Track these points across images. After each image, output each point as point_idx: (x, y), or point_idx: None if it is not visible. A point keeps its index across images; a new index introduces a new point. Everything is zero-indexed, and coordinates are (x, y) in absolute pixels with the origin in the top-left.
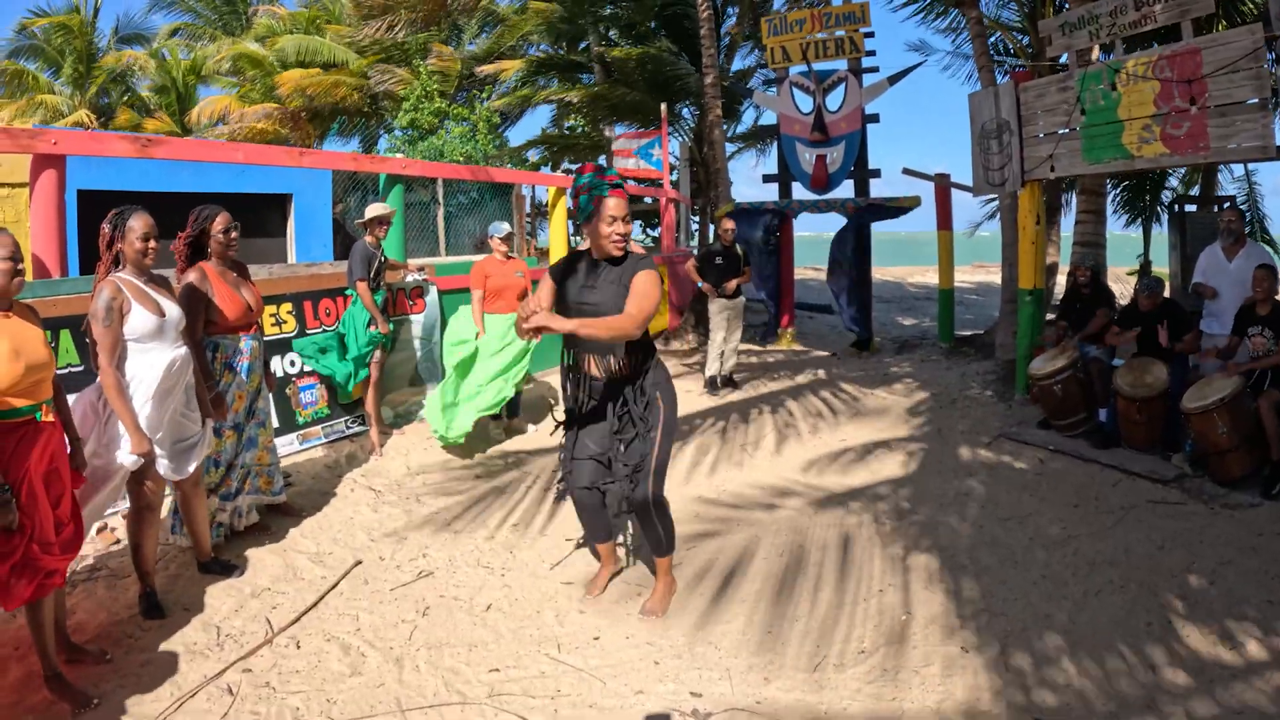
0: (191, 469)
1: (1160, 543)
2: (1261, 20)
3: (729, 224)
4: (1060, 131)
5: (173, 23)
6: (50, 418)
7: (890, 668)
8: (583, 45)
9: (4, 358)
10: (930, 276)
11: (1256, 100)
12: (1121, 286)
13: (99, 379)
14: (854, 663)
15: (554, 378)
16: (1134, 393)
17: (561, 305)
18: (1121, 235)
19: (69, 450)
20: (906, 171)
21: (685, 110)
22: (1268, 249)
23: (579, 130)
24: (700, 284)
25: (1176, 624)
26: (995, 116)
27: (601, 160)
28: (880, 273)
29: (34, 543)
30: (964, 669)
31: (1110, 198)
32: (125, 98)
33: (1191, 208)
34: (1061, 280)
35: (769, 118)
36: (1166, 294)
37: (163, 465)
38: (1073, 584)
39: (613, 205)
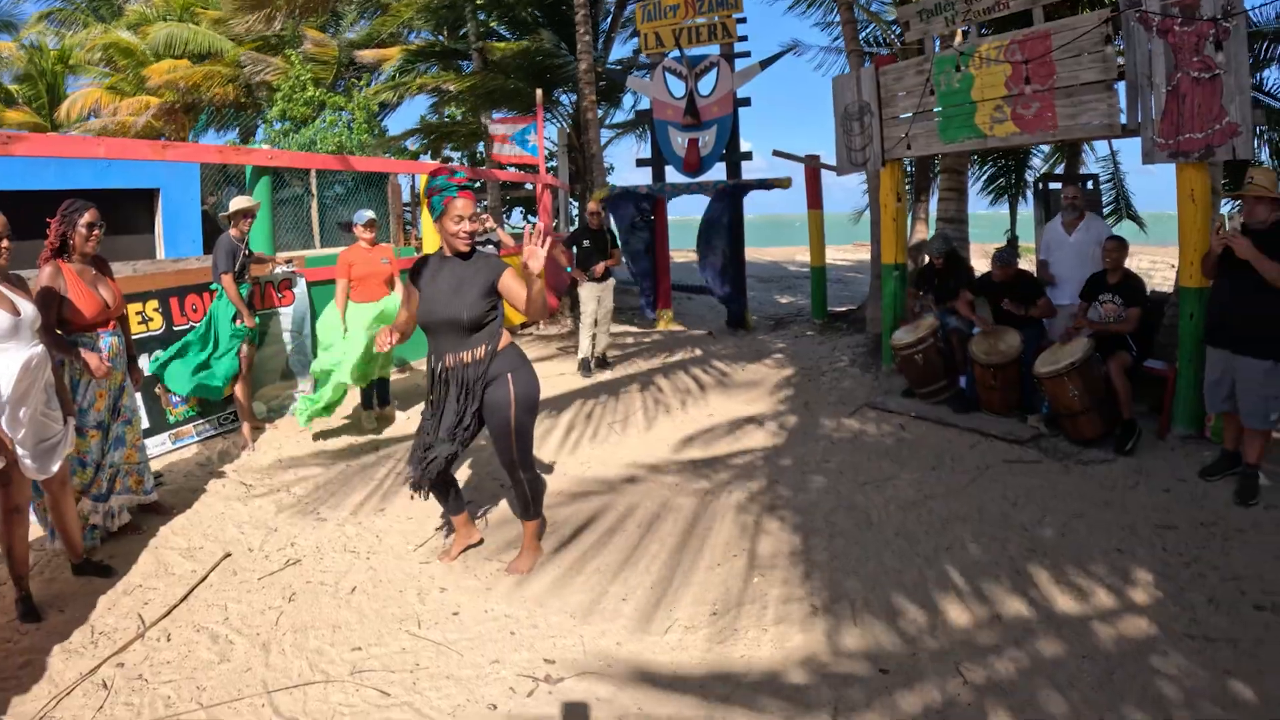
0: (56, 468)
1: (1014, 499)
2: (1112, 5)
3: (594, 207)
4: (916, 113)
5: (43, 9)
6: None
7: (740, 627)
8: (463, 32)
9: None
10: (808, 255)
11: (1102, 80)
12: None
13: None
14: (705, 624)
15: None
16: (988, 360)
17: (421, 307)
18: (992, 214)
19: None
20: (778, 153)
21: (564, 97)
22: (1105, 221)
23: (458, 118)
24: (569, 268)
25: (1025, 575)
26: (857, 99)
27: (480, 147)
28: (762, 253)
29: None
30: (813, 626)
31: (977, 177)
32: None
33: (1056, 185)
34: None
35: (647, 103)
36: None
37: (27, 465)
38: (925, 542)
39: (460, 205)
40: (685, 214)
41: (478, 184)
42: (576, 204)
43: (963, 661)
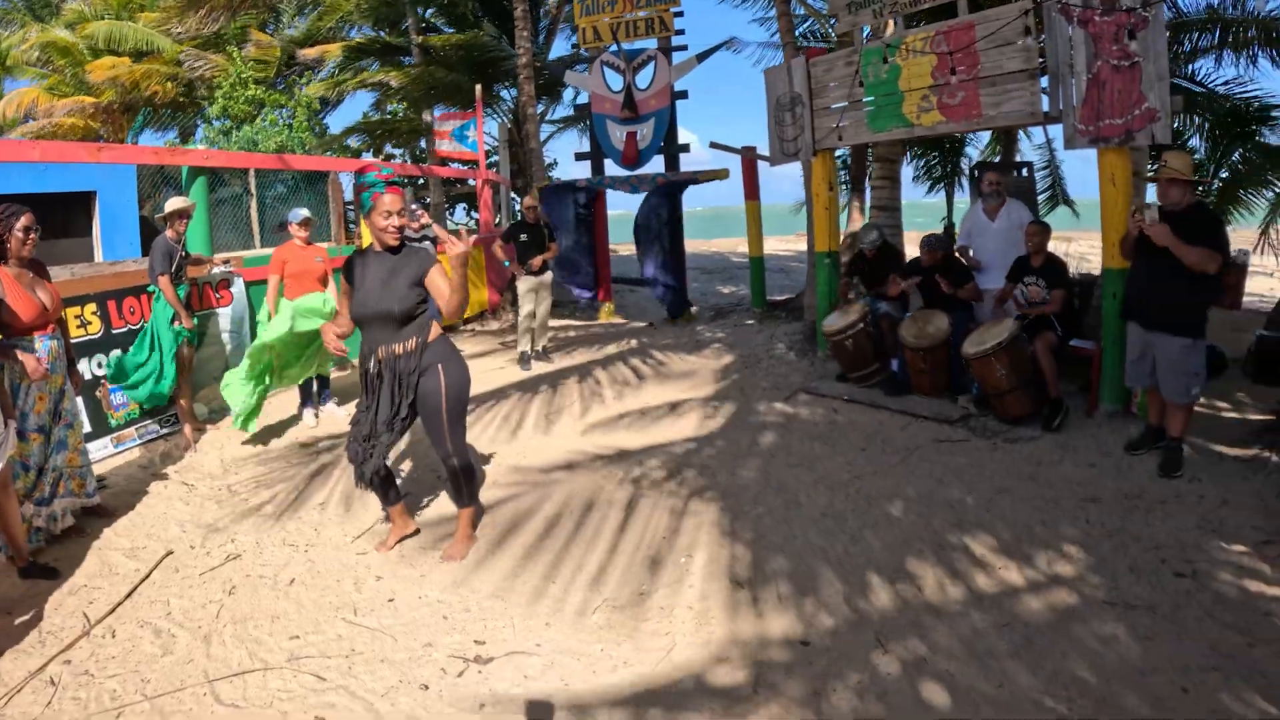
0: None
1: (940, 477)
2: None
3: (530, 201)
4: (847, 104)
5: None
6: None
7: (666, 606)
8: (404, 26)
9: None
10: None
11: (1024, 70)
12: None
13: None
14: (632, 604)
15: None
16: (917, 343)
17: (354, 301)
18: (929, 202)
19: None
20: (715, 145)
21: (505, 91)
22: (1025, 206)
23: (400, 115)
24: (506, 262)
25: (949, 549)
26: (789, 90)
27: (422, 144)
28: (706, 245)
29: None
30: (737, 603)
31: (913, 166)
32: None
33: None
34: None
35: (586, 97)
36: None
37: None
38: (851, 519)
39: (387, 201)
40: (627, 209)
41: (406, 180)
42: (518, 199)
43: (885, 634)
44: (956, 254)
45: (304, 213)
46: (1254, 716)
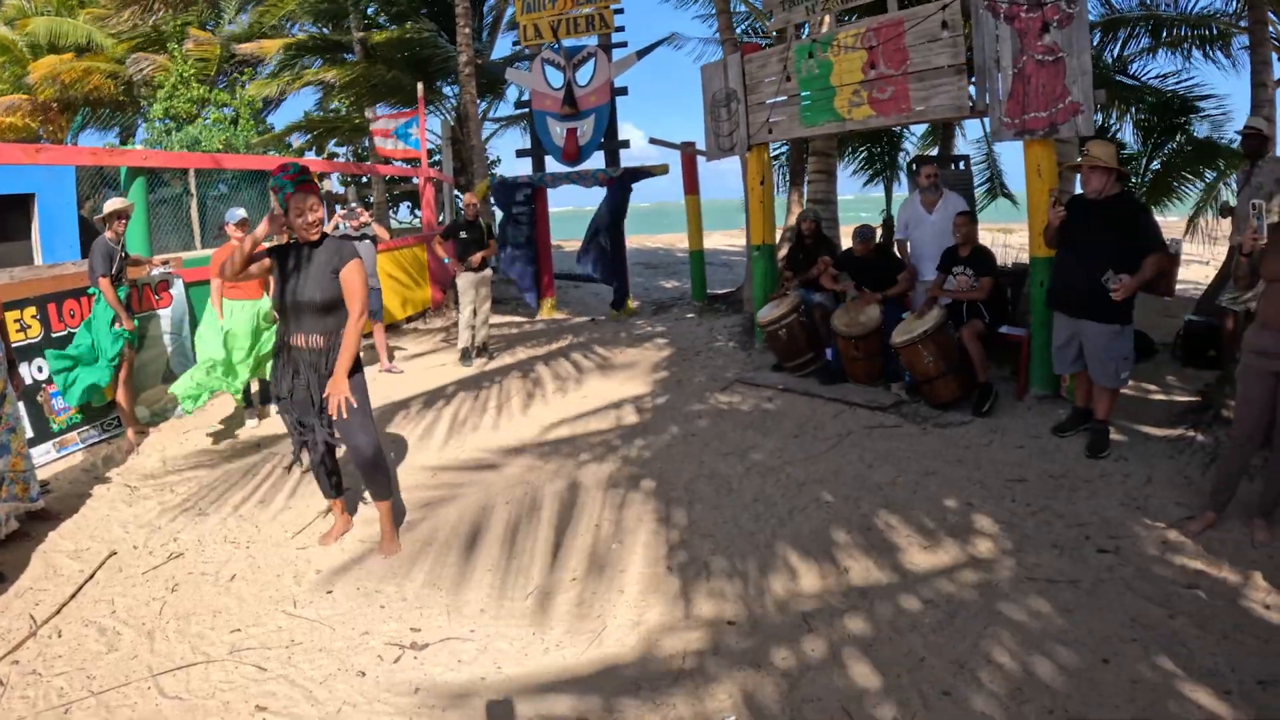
0: None
1: (870, 462)
2: None
3: (470, 198)
4: (780, 99)
5: None
6: None
7: (598, 590)
8: (345, 24)
9: None
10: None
11: (952, 65)
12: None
13: None
14: (564, 590)
15: None
16: (849, 332)
17: (278, 290)
18: (867, 196)
19: None
20: (654, 141)
21: (447, 88)
22: (961, 198)
23: (342, 112)
24: (445, 259)
25: (876, 530)
26: (724, 86)
27: (366, 142)
28: (650, 240)
29: None
30: (667, 588)
31: (851, 160)
32: None
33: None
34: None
35: (528, 93)
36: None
37: None
38: (781, 504)
39: (296, 200)
40: (570, 204)
41: (350, 179)
42: (461, 196)
43: (811, 615)
44: (895, 247)
45: (240, 213)
46: (1172, 685)
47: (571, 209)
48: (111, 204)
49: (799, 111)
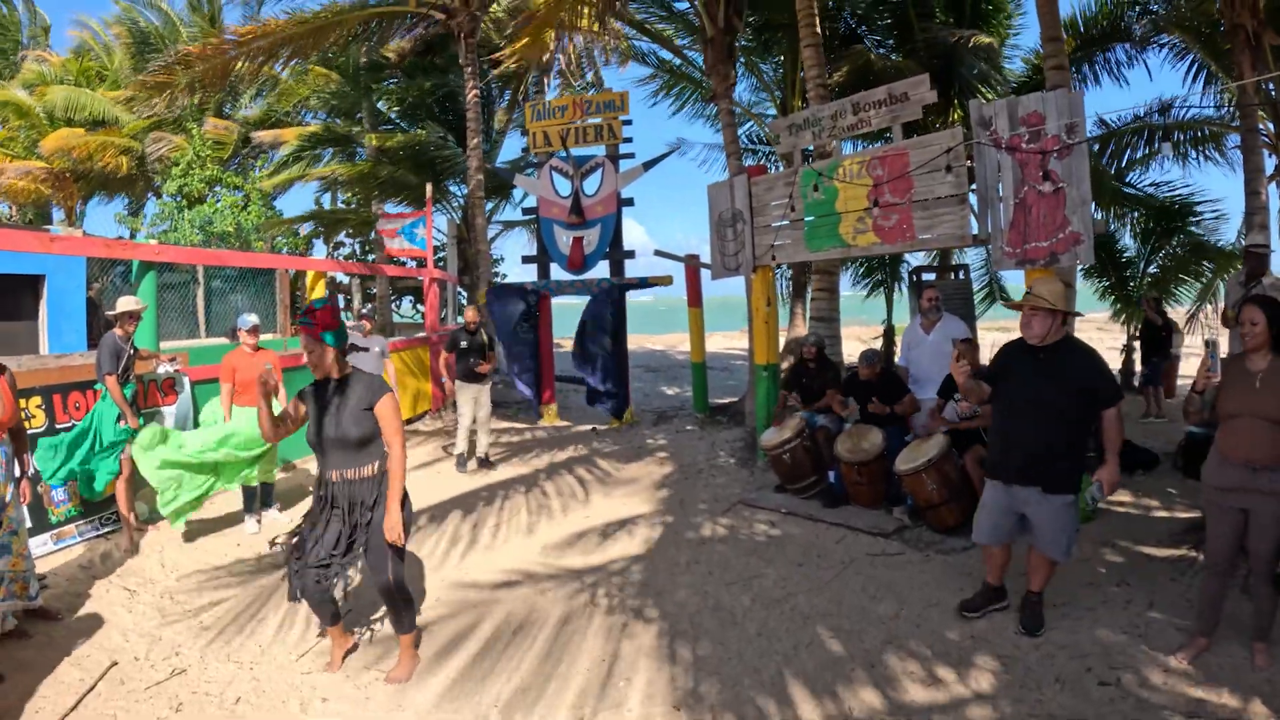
0: None
1: (873, 593)
2: (964, 125)
3: (471, 314)
4: (785, 222)
5: None
6: None
7: None
8: (358, 116)
9: None
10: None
11: (956, 195)
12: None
13: None
14: None
15: (312, 464)
16: (852, 458)
17: (312, 428)
18: (873, 298)
19: None
20: (659, 253)
21: (455, 187)
22: (961, 321)
23: (351, 205)
24: (444, 379)
25: (879, 667)
26: (731, 206)
27: (373, 234)
28: (648, 340)
29: None
30: None
31: (854, 271)
32: None
33: (930, 275)
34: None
35: (534, 200)
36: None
37: None
38: (785, 639)
39: (303, 341)
40: (572, 299)
41: (352, 277)
42: (465, 294)
43: None
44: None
45: (252, 319)
46: None
47: (571, 302)
48: (124, 303)
49: (804, 236)
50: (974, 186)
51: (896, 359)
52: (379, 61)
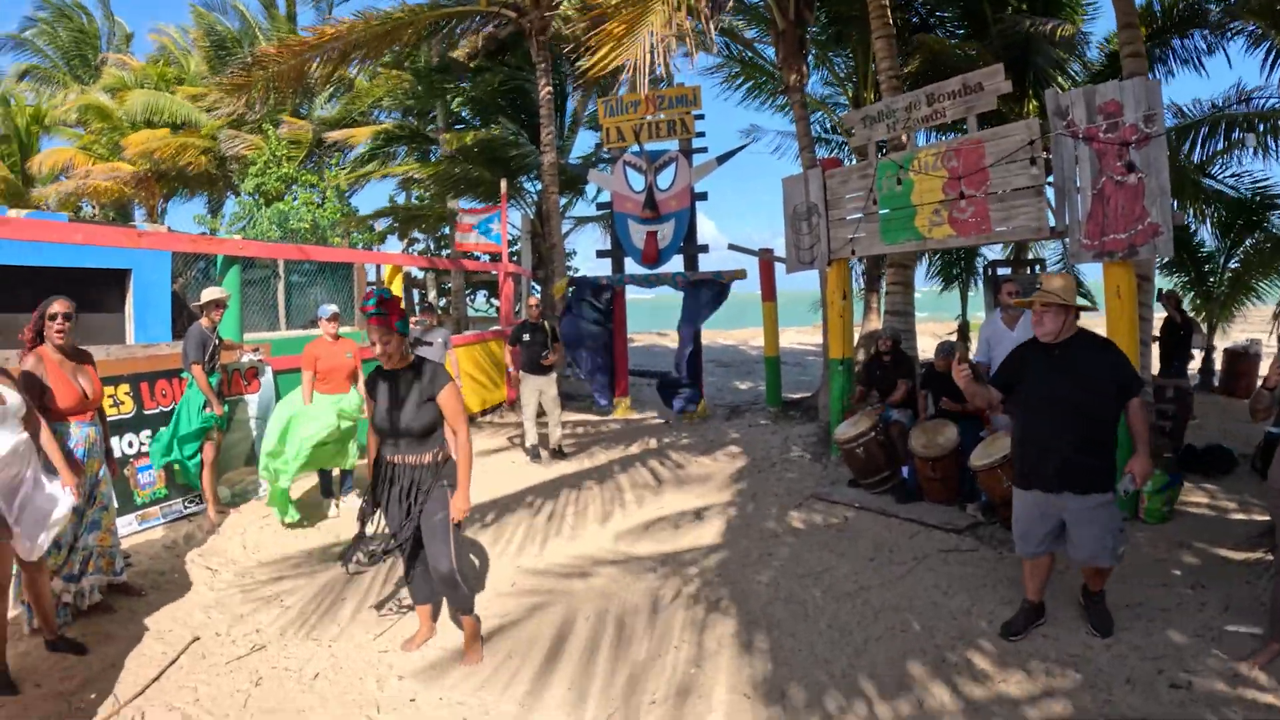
0: (45, 548)
1: (945, 588)
2: (1039, 115)
3: (534, 301)
4: (860, 215)
5: (21, 64)
6: None
7: (677, 715)
8: (431, 114)
9: None
10: None
11: (1032, 187)
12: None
13: None
14: (645, 712)
15: None
16: (926, 453)
17: (376, 413)
18: (947, 293)
19: None
20: (733, 247)
21: (528, 184)
22: None
23: (425, 201)
24: (509, 369)
25: (950, 663)
26: (805, 200)
27: (446, 230)
28: (720, 335)
29: None
30: (745, 712)
31: (928, 265)
32: None
33: (1005, 270)
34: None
35: (608, 195)
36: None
37: (24, 545)
38: (857, 632)
39: (370, 333)
40: (643, 294)
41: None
42: (539, 289)
43: None
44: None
45: (332, 308)
46: None
47: (637, 297)
48: (210, 293)
49: (879, 228)
50: (1050, 178)
51: (973, 355)
52: (450, 61)
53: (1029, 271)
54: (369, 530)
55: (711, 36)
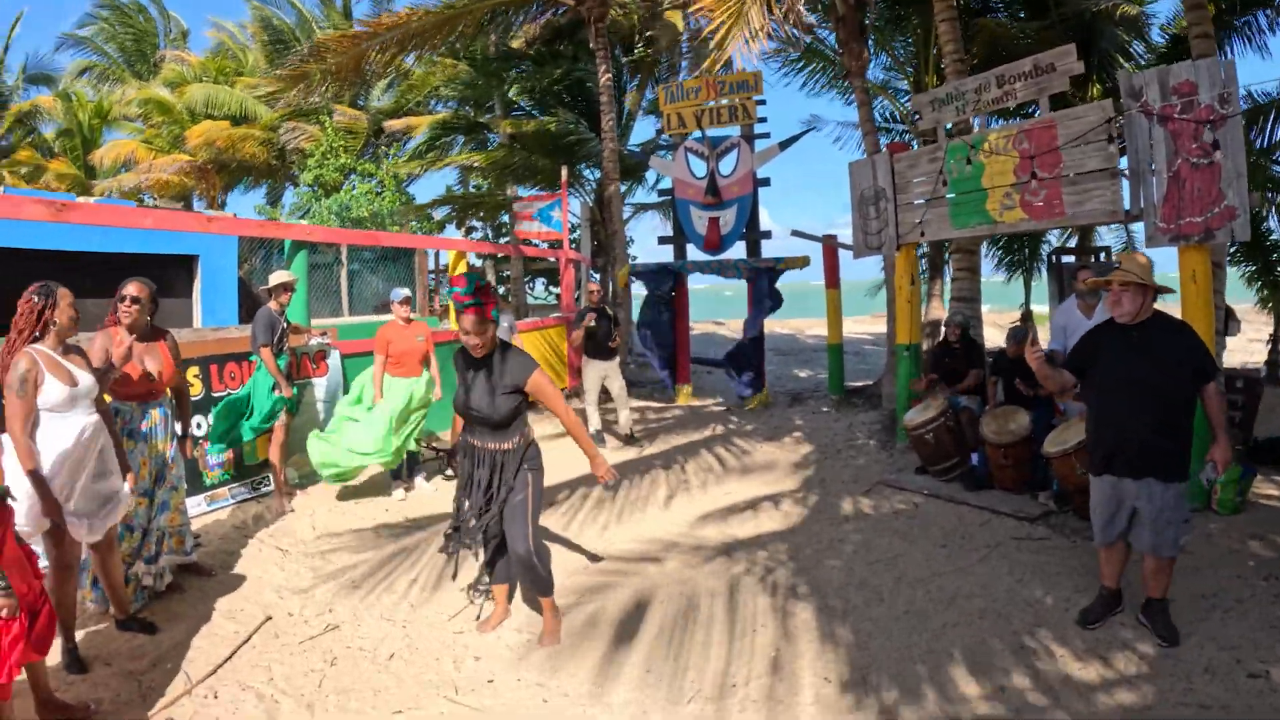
0: (107, 528)
1: (1020, 576)
2: (1111, 96)
3: (593, 287)
4: (929, 199)
5: (80, 61)
6: None
7: (758, 699)
8: (489, 104)
9: None
10: (825, 328)
11: (1107, 169)
12: (1003, 333)
13: (10, 445)
14: (726, 695)
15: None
16: (998, 439)
17: (459, 397)
18: (1010, 283)
19: None
20: (796, 233)
21: (587, 171)
22: None
23: (484, 189)
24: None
25: (1028, 649)
26: (873, 184)
27: (505, 218)
28: (778, 325)
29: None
30: (826, 697)
31: (992, 253)
32: (30, 139)
33: (1069, 259)
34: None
35: (669, 182)
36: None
37: (81, 527)
38: (934, 618)
39: (465, 322)
40: (715, 283)
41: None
42: (598, 277)
43: None
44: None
45: (405, 292)
46: None
47: (700, 286)
48: (278, 276)
49: (949, 212)
50: (1124, 161)
51: (1046, 344)
52: (508, 50)
53: (1094, 260)
54: (462, 513)
55: (788, 32)
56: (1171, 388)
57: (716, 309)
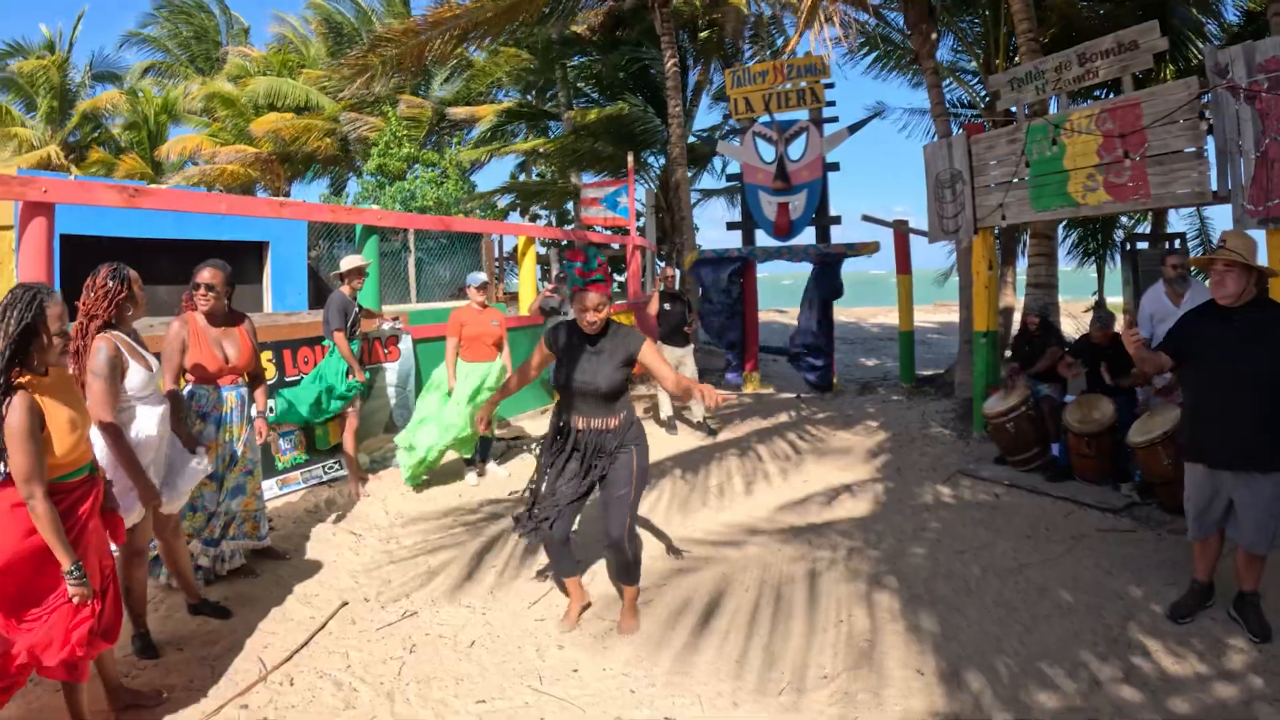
0: (183, 503)
1: (1108, 568)
2: (1198, 73)
3: (668, 270)
4: (1010, 181)
5: (145, 60)
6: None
7: (850, 690)
8: (551, 93)
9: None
10: (889, 317)
11: (1193, 149)
12: (1077, 323)
13: (100, 432)
14: (816, 686)
15: (526, 421)
16: (1082, 428)
17: (560, 372)
18: (1079, 271)
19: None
20: (866, 218)
21: (652, 159)
22: (1207, 287)
23: (548, 177)
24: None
25: (1122, 641)
26: (949, 167)
27: (569, 205)
28: (842, 314)
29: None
30: (919, 690)
31: (1065, 239)
32: (96, 134)
33: (1143, 245)
34: (1018, 319)
35: (737, 167)
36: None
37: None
38: (1023, 610)
39: (590, 300)
40: (773, 271)
41: (550, 244)
42: (663, 264)
43: None
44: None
45: (482, 277)
46: None
47: (768, 275)
48: (350, 261)
49: (1029, 195)
50: (1210, 140)
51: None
52: (570, 37)
53: (1168, 246)
54: (544, 499)
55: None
56: (1277, 375)
57: (774, 298)
